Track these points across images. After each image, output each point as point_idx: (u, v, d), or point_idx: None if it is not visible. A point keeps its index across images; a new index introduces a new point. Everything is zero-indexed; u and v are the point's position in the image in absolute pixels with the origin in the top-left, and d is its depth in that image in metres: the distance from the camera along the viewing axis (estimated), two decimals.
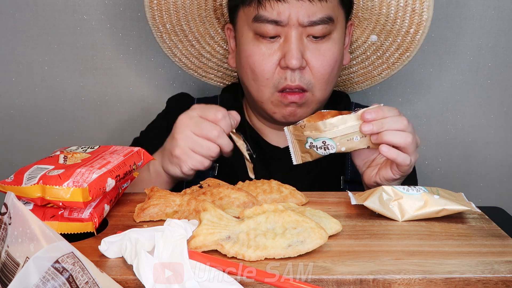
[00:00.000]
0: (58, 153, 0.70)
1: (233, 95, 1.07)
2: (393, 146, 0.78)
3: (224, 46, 1.08)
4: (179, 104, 1.06)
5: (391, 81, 1.22)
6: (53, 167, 0.64)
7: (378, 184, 0.83)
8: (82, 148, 0.73)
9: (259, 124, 1.04)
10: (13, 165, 1.20)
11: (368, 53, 1.06)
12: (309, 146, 0.81)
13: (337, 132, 0.80)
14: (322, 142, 0.81)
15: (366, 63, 1.08)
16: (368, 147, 0.81)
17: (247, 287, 0.52)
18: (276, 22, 0.89)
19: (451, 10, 1.18)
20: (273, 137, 1.02)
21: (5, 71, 1.21)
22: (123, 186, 0.72)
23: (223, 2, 1.00)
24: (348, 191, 0.73)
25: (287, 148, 0.98)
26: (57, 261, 0.45)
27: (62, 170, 0.62)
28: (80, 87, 1.23)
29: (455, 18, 1.18)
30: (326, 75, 0.92)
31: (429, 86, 1.24)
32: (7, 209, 0.50)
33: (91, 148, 0.73)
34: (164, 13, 1.00)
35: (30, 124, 1.25)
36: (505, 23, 1.19)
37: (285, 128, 0.85)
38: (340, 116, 0.80)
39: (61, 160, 0.67)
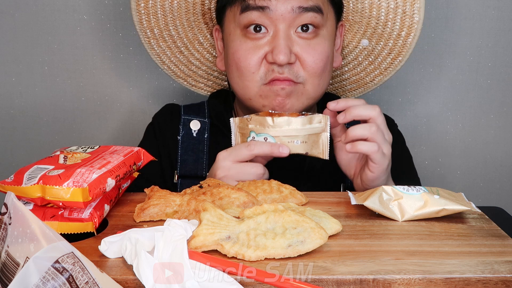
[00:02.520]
0: (58, 153, 0.70)
1: (223, 102, 1.05)
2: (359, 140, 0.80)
3: (214, 53, 1.06)
4: (166, 117, 1.05)
5: (391, 81, 1.22)
6: (53, 167, 0.64)
7: (367, 188, 0.84)
8: (82, 148, 0.73)
9: None
10: (13, 165, 1.20)
11: (360, 59, 1.05)
12: (251, 140, 0.83)
13: (280, 132, 0.82)
14: (264, 138, 0.82)
15: (358, 69, 1.06)
16: (306, 153, 0.83)
17: (247, 287, 0.52)
18: (262, 9, 0.87)
19: (451, 10, 1.18)
20: None
21: (5, 71, 1.21)
22: (123, 186, 0.72)
23: (212, 6, 0.99)
24: (348, 191, 0.73)
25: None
26: (57, 261, 0.45)
27: (62, 170, 0.62)
28: (80, 87, 1.23)
29: (455, 18, 1.18)
30: (319, 69, 0.90)
31: (429, 86, 1.24)
32: (7, 209, 0.50)
33: (91, 148, 0.73)
34: (151, 17, 0.98)
35: (30, 124, 1.25)
36: (505, 23, 1.19)
37: (231, 119, 0.86)
38: (286, 117, 0.82)
39: (61, 160, 0.67)
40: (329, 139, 0.84)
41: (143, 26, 1.00)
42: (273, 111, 0.87)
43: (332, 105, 0.83)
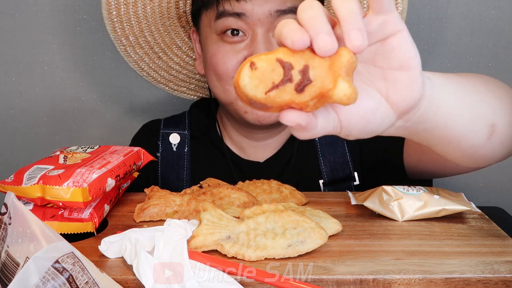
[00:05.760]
0: (58, 153, 0.70)
1: (205, 111, 1.01)
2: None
3: (193, 56, 1.03)
4: (143, 138, 1.02)
5: None
6: (53, 167, 0.64)
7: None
8: (82, 148, 0.73)
9: (237, 139, 0.99)
10: (13, 165, 1.20)
11: None
12: None
13: None
14: None
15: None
16: None
17: (247, 287, 0.52)
18: (238, 15, 0.83)
19: (451, 10, 1.18)
20: (252, 151, 0.98)
21: (5, 71, 1.21)
22: (123, 186, 0.72)
23: (187, 9, 0.96)
24: (348, 191, 0.73)
25: (267, 161, 0.96)
26: (57, 261, 0.45)
27: (62, 170, 0.62)
28: (80, 87, 1.23)
29: (455, 18, 1.18)
30: None
31: None
32: (7, 209, 0.50)
33: (91, 148, 0.73)
34: (125, 24, 0.94)
35: (30, 124, 1.25)
36: (505, 23, 1.19)
37: None
38: None
39: (61, 160, 0.67)
40: None
41: (117, 34, 0.97)
42: None
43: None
